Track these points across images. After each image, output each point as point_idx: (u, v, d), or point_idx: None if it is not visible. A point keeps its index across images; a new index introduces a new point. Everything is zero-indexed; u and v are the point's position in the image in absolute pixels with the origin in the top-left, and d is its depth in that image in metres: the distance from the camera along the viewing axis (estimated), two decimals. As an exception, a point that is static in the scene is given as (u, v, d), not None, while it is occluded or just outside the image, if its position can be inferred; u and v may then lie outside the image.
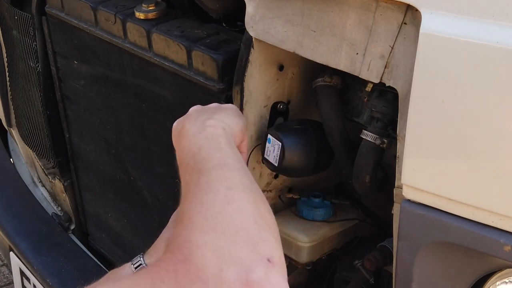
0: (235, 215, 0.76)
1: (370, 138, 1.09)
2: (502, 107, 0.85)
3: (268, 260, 0.73)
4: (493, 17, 0.85)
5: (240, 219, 0.76)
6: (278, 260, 0.74)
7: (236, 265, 0.70)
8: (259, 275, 0.70)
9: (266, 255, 0.73)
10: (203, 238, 0.73)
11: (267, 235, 0.77)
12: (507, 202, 0.88)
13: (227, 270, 0.70)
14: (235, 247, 0.72)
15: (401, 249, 1.02)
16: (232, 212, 0.77)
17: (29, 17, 1.73)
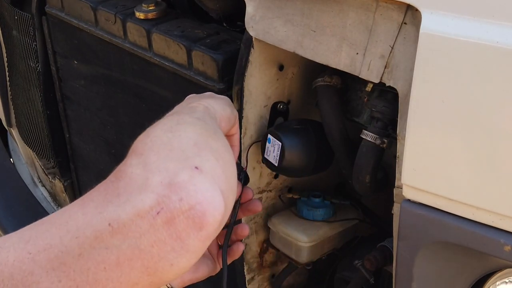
0: (174, 139, 0.77)
1: (370, 138, 1.09)
2: (502, 107, 0.85)
3: (196, 167, 0.72)
4: (493, 17, 0.85)
5: (179, 142, 0.77)
6: (210, 171, 0.73)
7: (162, 173, 0.71)
8: (183, 178, 0.71)
9: (195, 164, 0.73)
10: (137, 159, 0.74)
11: (205, 153, 0.76)
12: (507, 202, 0.88)
13: (152, 178, 0.70)
14: (165, 160, 0.73)
15: (401, 249, 1.02)
16: (172, 136, 0.77)
17: (29, 17, 1.73)
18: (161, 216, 0.69)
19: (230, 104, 1.05)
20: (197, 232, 0.70)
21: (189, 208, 0.70)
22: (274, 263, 1.45)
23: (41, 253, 0.66)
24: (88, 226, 0.68)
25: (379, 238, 1.24)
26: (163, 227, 0.69)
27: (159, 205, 0.69)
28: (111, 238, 0.68)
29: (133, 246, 0.68)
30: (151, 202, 0.69)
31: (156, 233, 0.69)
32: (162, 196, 0.69)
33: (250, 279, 1.42)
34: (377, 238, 1.25)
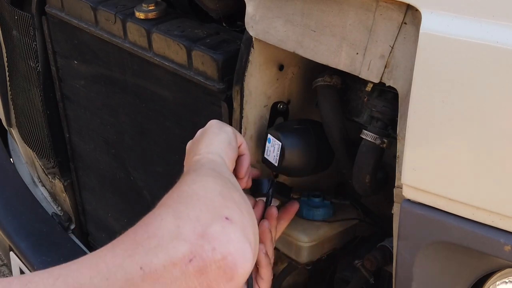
0: (199, 189, 0.78)
1: (370, 138, 1.09)
2: (502, 107, 0.85)
3: (226, 218, 0.74)
4: (493, 17, 0.85)
5: (205, 192, 0.78)
6: (238, 220, 0.75)
7: (193, 222, 0.72)
8: (216, 229, 0.72)
9: (225, 215, 0.74)
10: (166, 210, 0.76)
11: (232, 205, 0.77)
12: (507, 202, 0.88)
13: (183, 226, 0.71)
14: (195, 210, 0.74)
15: (401, 249, 1.02)
16: (197, 188, 0.79)
17: (29, 17, 1.73)
18: (193, 265, 0.69)
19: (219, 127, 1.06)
20: (227, 282, 0.71)
21: (222, 258, 0.70)
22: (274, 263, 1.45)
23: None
24: (119, 268, 0.68)
25: (379, 238, 1.24)
26: (195, 275, 0.69)
27: (192, 254, 0.69)
28: (141, 282, 0.67)
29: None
30: (185, 250, 0.69)
31: (187, 281, 0.69)
32: (195, 245, 0.70)
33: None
34: (377, 238, 1.25)
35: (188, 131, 1.42)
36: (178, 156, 1.48)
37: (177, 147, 1.47)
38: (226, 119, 1.26)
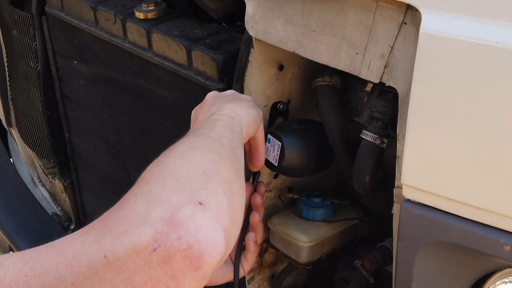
0: (183, 166, 0.75)
1: (370, 138, 1.09)
2: (502, 107, 0.85)
3: (199, 203, 0.70)
4: (493, 17, 0.85)
5: (187, 169, 0.75)
6: (214, 207, 0.71)
7: (164, 205, 0.69)
8: (185, 214, 0.68)
9: (199, 199, 0.70)
10: (142, 187, 0.74)
11: (213, 186, 0.73)
12: (507, 202, 0.88)
13: (153, 210, 0.68)
14: (169, 191, 0.71)
15: (401, 249, 1.02)
16: (181, 164, 0.76)
17: (29, 17, 1.73)
18: (158, 254, 0.67)
19: (254, 105, 1.03)
20: (193, 272, 0.68)
21: (187, 248, 0.67)
22: (274, 263, 1.45)
23: (36, 277, 0.65)
24: (84, 255, 0.66)
25: (379, 238, 1.24)
26: (159, 265, 0.67)
27: (157, 242, 0.67)
28: (105, 270, 0.66)
29: (126, 281, 0.66)
30: (149, 238, 0.67)
31: (151, 271, 0.67)
32: (160, 233, 0.67)
33: (250, 279, 1.42)
34: (377, 238, 1.25)
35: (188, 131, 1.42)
36: (178, 156, 1.48)
37: (177, 147, 1.47)
38: (226, 119, 1.26)
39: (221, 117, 0.93)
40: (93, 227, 0.70)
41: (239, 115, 0.95)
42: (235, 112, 0.95)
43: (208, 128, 0.89)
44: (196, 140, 0.83)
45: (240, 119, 0.95)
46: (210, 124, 0.90)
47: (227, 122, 0.92)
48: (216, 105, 0.99)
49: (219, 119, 0.92)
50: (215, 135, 0.86)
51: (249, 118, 0.97)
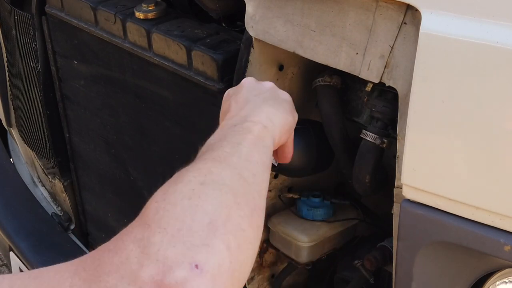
0: (189, 211, 0.69)
1: (370, 138, 1.09)
2: (502, 107, 0.85)
3: (196, 266, 0.64)
4: (493, 17, 0.85)
5: (192, 217, 0.68)
6: (212, 270, 0.65)
7: (159, 263, 0.63)
8: (176, 279, 0.62)
9: (197, 260, 0.64)
10: (142, 232, 0.67)
11: (216, 242, 0.67)
12: (507, 202, 0.88)
13: (146, 268, 0.63)
14: (167, 245, 0.65)
15: (401, 249, 1.02)
16: (188, 207, 0.69)
17: (29, 17, 1.73)
18: None
19: (291, 108, 0.97)
20: None
21: None
22: (274, 263, 1.45)
23: None
24: None
25: (379, 238, 1.24)
26: None
27: None
28: None
29: None
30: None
31: None
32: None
33: (250, 279, 1.42)
34: (377, 238, 1.25)
35: (188, 131, 1.42)
36: (178, 156, 1.48)
37: (177, 147, 1.47)
38: (226, 119, 1.26)
39: (253, 128, 0.86)
40: (85, 268, 0.65)
41: (274, 123, 0.90)
42: (270, 120, 0.89)
43: (234, 145, 0.83)
44: (213, 172, 0.76)
45: (274, 129, 0.89)
46: (238, 138, 0.84)
47: (258, 136, 0.86)
48: (251, 104, 0.93)
49: (251, 131, 0.86)
50: (238, 161, 0.80)
51: (284, 127, 0.92)
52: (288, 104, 0.97)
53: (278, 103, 0.95)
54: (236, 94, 0.98)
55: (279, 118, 0.91)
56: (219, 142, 0.85)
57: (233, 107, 0.95)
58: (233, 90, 1.00)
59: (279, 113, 0.92)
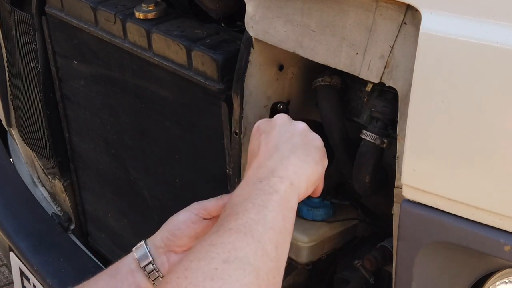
0: None
1: (370, 138, 1.09)
2: (502, 107, 0.85)
3: None
4: (493, 17, 0.85)
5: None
6: None
7: None
8: None
9: None
10: None
11: None
12: (507, 202, 0.88)
13: None
14: None
15: (401, 249, 1.02)
16: (213, 283, 0.70)
17: (29, 17, 1.73)
18: None
19: (321, 157, 0.95)
20: None
21: None
22: (274, 263, 1.45)
23: None
24: None
25: (379, 238, 1.24)
26: None
27: None
28: None
29: None
30: None
31: None
32: None
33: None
34: (377, 238, 1.25)
35: (188, 131, 1.42)
36: (178, 156, 1.48)
37: (177, 147, 1.47)
38: (226, 119, 1.26)
39: (280, 186, 0.86)
40: None
41: (301, 179, 0.89)
42: (297, 175, 0.88)
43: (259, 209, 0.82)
44: (237, 248, 0.75)
45: (300, 185, 0.89)
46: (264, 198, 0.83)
47: (284, 197, 0.85)
48: (280, 153, 0.91)
49: (277, 191, 0.85)
50: (263, 231, 0.80)
51: (310, 180, 0.91)
52: (318, 153, 0.96)
53: (307, 152, 0.93)
54: (267, 133, 0.97)
55: (306, 171, 0.90)
56: (245, 203, 0.83)
57: (262, 150, 0.94)
58: (264, 125, 0.99)
59: (307, 165, 0.91)
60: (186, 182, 1.49)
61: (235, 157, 1.27)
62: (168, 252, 1.04)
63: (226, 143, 1.29)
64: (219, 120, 1.29)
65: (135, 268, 1.02)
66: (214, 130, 1.33)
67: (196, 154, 1.43)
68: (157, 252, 1.03)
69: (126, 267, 1.03)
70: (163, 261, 1.03)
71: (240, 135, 1.24)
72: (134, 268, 1.02)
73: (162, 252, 1.03)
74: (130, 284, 1.01)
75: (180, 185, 1.51)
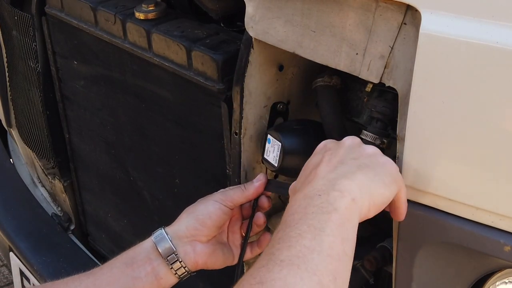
0: None
1: (370, 138, 1.09)
2: (502, 107, 0.85)
3: None
4: (493, 17, 0.85)
5: None
6: None
7: None
8: None
9: None
10: None
11: None
12: (507, 202, 0.88)
13: None
14: None
15: (401, 249, 1.02)
16: None
17: (29, 17, 1.73)
18: None
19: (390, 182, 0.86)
20: None
21: None
22: (274, 263, 1.45)
23: None
24: None
25: (379, 238, 1.24)
26: None
27: None
28: None
29: None
30: None
31: None
32: None
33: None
34: (377, 238, 1.25)
35: (188, 131, 1.42)
36: (178, 156, 1.48)
37: (177, 147, 1.47)
38: (226, 119, 1.26)
39: (340, 203, 0.77)
40: None
41: (364, 196, 0.80)
42: (361, 192, 0.80)
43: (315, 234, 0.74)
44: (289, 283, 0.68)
45: (363, 203, 0.80)
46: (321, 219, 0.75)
47: (344, 216, 0.77)
48: (345, 167, 0.84)
49: (336, 209, 0.76)
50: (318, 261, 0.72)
51: (375, 201, 0.82)
52: (389, 177, 0.86)
53: (376, 173, 0.85)
54: (333, 150, 0.91)
55: (371, 190, 0.82)
56: (299, 226, 0.76)
57: (324, 164, 0.87)
58: (331, 144, 0.94)
59: (374, 184, 0.83)
60: (186, 182, 1.49)
61: (235, 157, 1.27)
62: (193, 241, 1.02)
63: (226, 143, 1.29)
64: (219, 120, 1.29)
65: (154, 257, 1.00)
66: (214, 130, 1.33)
67: (196, 154, 1.43)
68: (181, 241, 1.02)
69: (143, 255, 1.00)
70: (187, 251, 1.01)
71: (240, 135, 1.24)
72: (153, 257, 1.00)
73: (187, 242, 1.01)
74: (148, 273, 0.99)
75: (180, 185, 1.51)
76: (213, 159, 1.38)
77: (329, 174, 0.84)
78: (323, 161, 0.87)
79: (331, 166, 0.85)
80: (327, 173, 0.84)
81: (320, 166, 0.86)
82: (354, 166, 0.85)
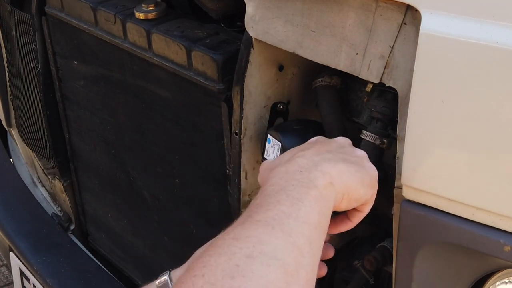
0: None
1: (370, 138, 1.09)
2: (502, 107, 0.85)
3: None
4: (493, 17, 0.85)
5: None
6: None
7: None
8: None
9: None
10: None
11: None
12: (507, 202, 0.88)
13: None
14: None
15: (401, 249, 1.02)
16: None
17: (29, 17, 1.73)
18: None
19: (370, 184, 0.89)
20: None
21: None
22: (274, 263, 1.45)
23: None
24: None
25: (379, 238, 1.24)
26: None
27: None
28: None
29: None
30: None
31: None
32: None
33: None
34: (377, 238, 1.25)
35: (188, 131, 1.42)
36: (178, 156, 1.48)
37: (177, 147, 1.47)
38: (226, 119, 1.26)
39: (320, 181, 0.79)
40: None
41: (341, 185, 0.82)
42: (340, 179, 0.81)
43: (293, 201, 0.74)
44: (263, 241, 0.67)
45: (338, 190, 0.81)
46: (300, 191, 0.76)
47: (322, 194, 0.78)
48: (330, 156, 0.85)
49: (316, 186, 0.78)
50: (294, 224, 0.72)
51: (349, 193, 0.83)
52: (370, 179, 0.89)
53: (357, 170, 0.87)
54: (323, 143, 0.92)
55: (350, 182, 0.84)
56: (278, 194, 0.76)
57: (312, 150, 0.87)
58: (323, 138, 0.96)
59: (353, 178, 0.84)
60: (186, 182, 1.49)
61: (235, 157, 1.27)
62: None
63: (226, 143, 1.29)
64: (219, 120, 1.29)
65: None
66: (214, 130, 1.33)
67: (196, 154, 1.43)
68: None
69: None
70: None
71: (240, 135, 1.24)
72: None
73: None
74: None
75: (180, 185, 1.51)
76: (213, 159, 1.38)
77: (314, 157, 0.85)
78: (310, 149, 0.89)
79: (318, 152, 0.87)
80: (312, 155, 0.85)
81: (307, 151, 0.87)
82: (339, 158, 0.87)
